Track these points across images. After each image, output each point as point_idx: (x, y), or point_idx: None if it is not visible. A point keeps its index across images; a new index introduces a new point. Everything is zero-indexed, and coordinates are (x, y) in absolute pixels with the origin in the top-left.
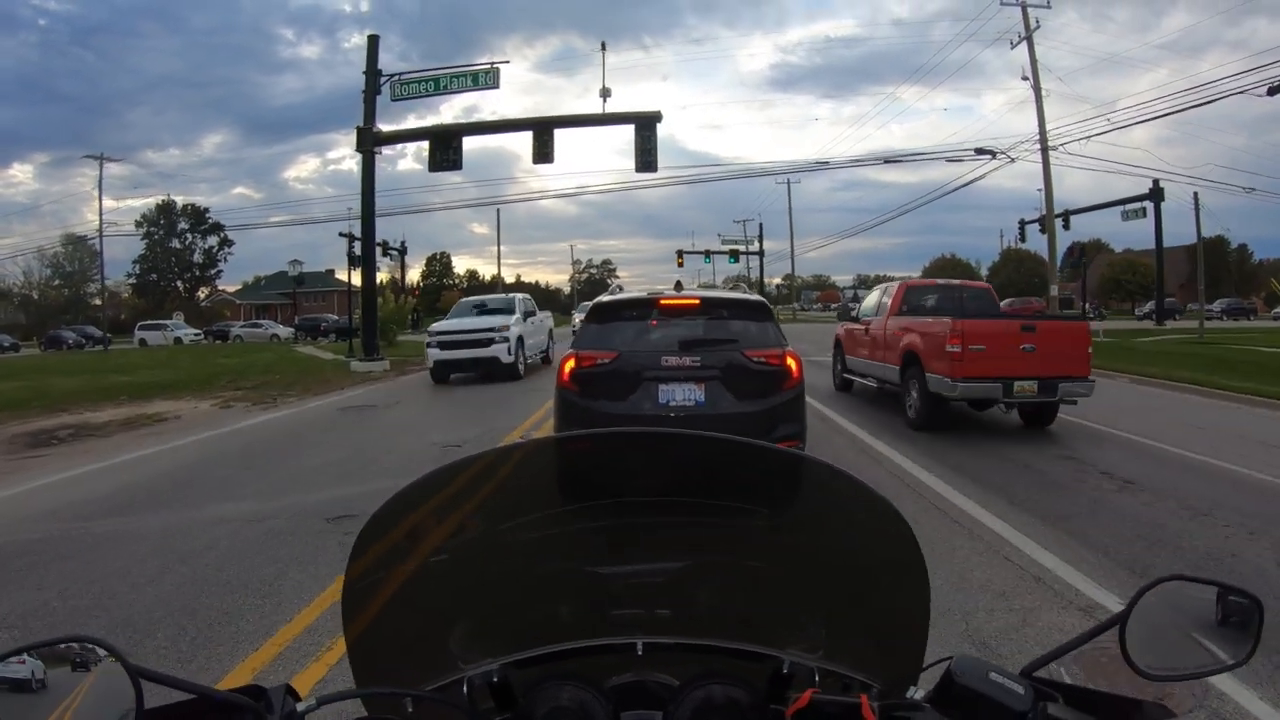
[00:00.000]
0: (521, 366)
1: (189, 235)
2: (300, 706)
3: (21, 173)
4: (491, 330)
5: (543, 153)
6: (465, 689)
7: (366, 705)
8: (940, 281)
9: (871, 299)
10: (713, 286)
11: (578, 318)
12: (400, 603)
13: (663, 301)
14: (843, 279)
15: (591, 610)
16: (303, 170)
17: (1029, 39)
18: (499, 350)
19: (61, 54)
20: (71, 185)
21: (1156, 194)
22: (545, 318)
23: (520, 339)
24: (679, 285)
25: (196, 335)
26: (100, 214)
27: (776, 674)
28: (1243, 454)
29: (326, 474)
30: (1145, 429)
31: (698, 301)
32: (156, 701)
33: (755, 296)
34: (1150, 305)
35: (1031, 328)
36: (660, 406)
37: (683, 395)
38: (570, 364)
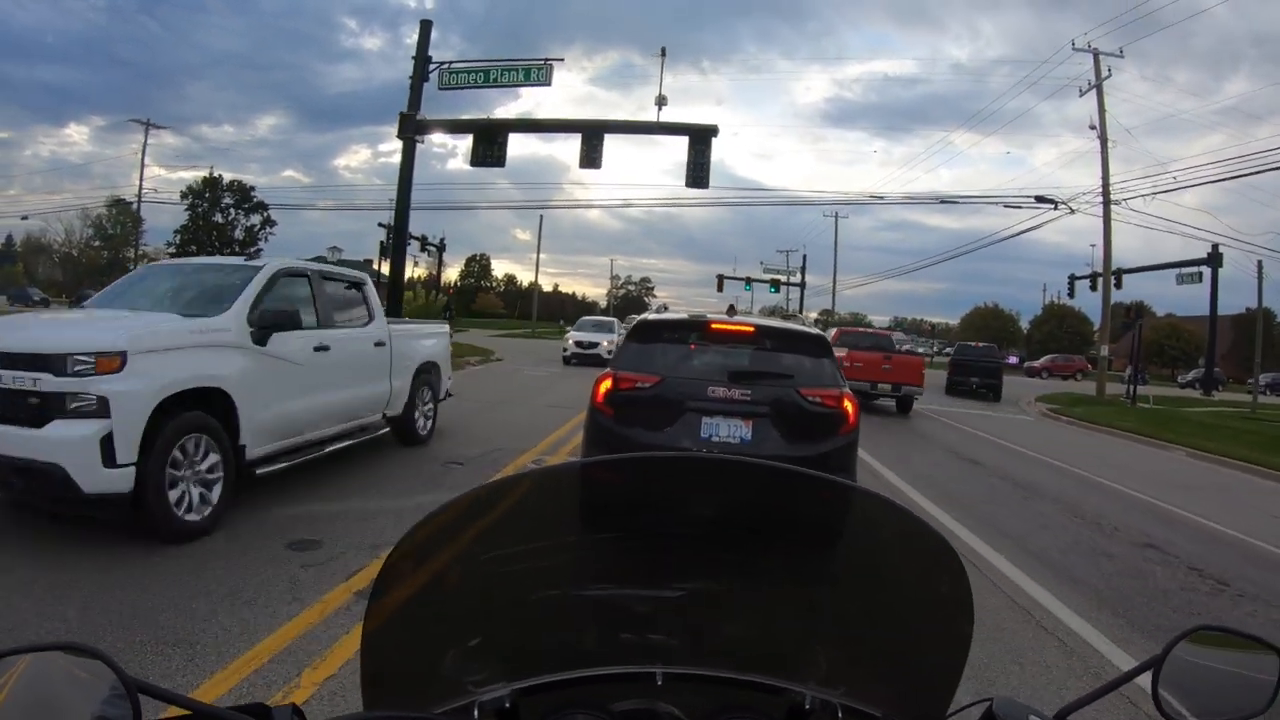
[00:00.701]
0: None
1: (232, 211)
2: None
3: (78, 134)
4: None
5: (590, 157)
6: (476, 713)
7: None
8: (859, 329)
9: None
10: (769, 314)
11: (571, 338)
12: (415, 625)
13: (714, 325)
14: (879, 319)
15: (609, 636)
16: (354, 160)
17: (1099, 87)
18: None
19: (127, 20)
20: (125, 150)
21: (1215, 259)
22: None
23: None
24: (732, 309)
25: None
26: (140, 179)
27: (796, 708)
28: None
29: (294, 484)
30: (1213, 513)
31: (752, 329)
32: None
33: (814, 330)
34: (1194, 373)
35: (889, 358)
36: (701, 441)
37: (727, 431)
38: (607, 384)
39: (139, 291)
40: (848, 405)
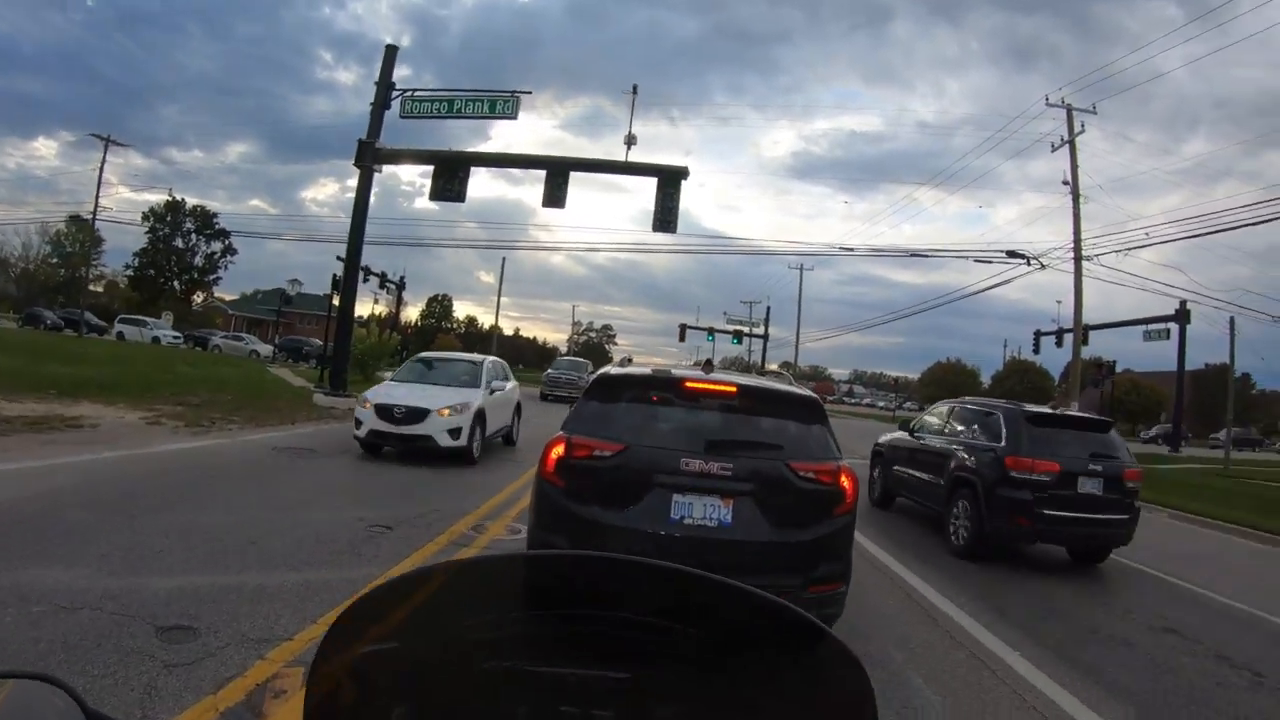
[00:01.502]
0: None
1: (193, 237)
2: None
3: (45, 148)
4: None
5: (554, 196)
6: None
7: None
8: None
9: None
10: (744, 370)
11: (548, 375)
12: (357, 692)
13: (689, 384)
14: (839, 372)
15: (547, 713)
16: (320, 193)
17: (1071, 142)
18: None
19: (104, 36)
20: (91, 166)
21: (1182, 315)
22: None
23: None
24: (709, 365)
25: (176, 338)
26: (97, 196)
27: None
28: None
29: (196, 546)
30: (1235, 591)
31: (734, 390)
32: None
33: (805, 391)
34: (1157, 428)
35: None
36: (671, 524)
37: (704, 512)
38: (559, 450)
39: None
40: (845, 481)
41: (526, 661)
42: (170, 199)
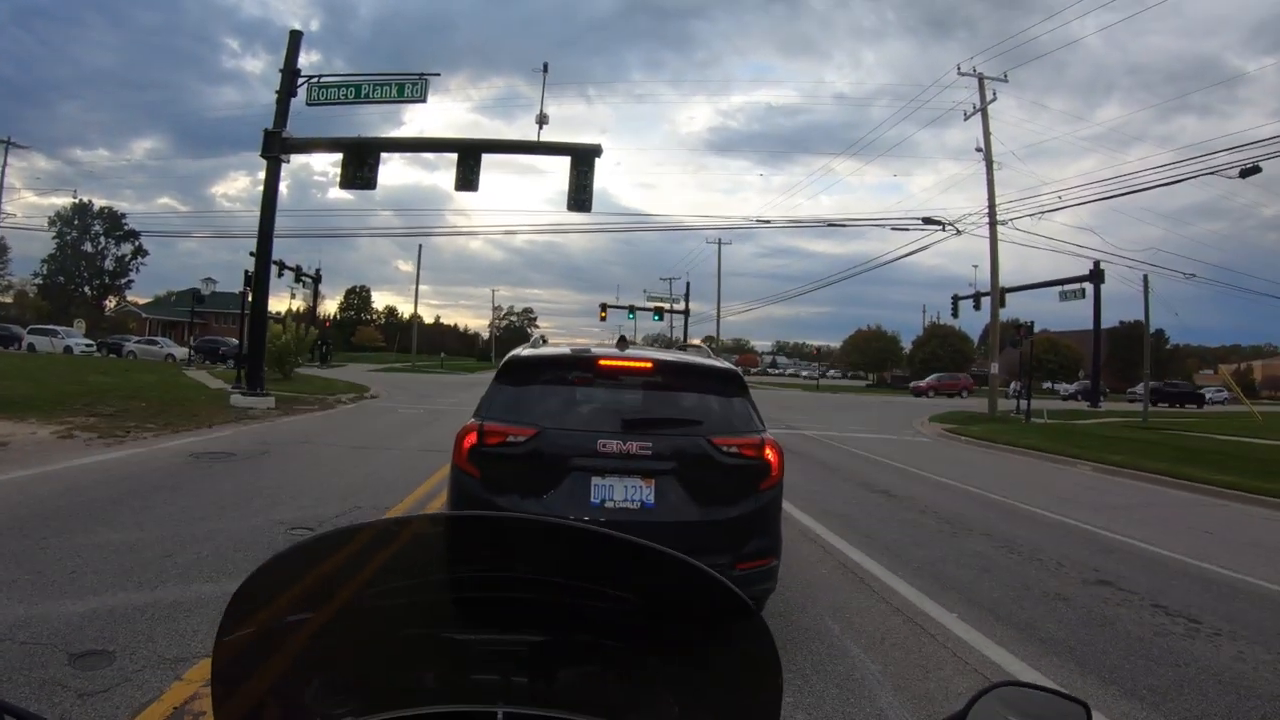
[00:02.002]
0: None
1: (102, 240)
2: None
3: None
4: None
5: (467, 179)
6: None
7: None
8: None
9: None
10: (666, 346)
11: None
12: (266, 661)
13: (602, 362)
14: (762, 344)
15: (458, 677)
16: (232, 187)
17: (984, 110)
18: None
19: None
20: None
21: (1097, 276)
22: None
23: None
24: (623, 341)
25: (89, 346)
26: None
27: None
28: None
29: (110, 564)
30: (1149, 535)
31: (650, 365)
32: None
33: (725, 364)
34: (1076, 385)
35: None
36: (592, 509)
37: (625, 494)
38: (471, 440)
39: None
40: (770, 454)
41: (441, 627)
42: (76, 201)
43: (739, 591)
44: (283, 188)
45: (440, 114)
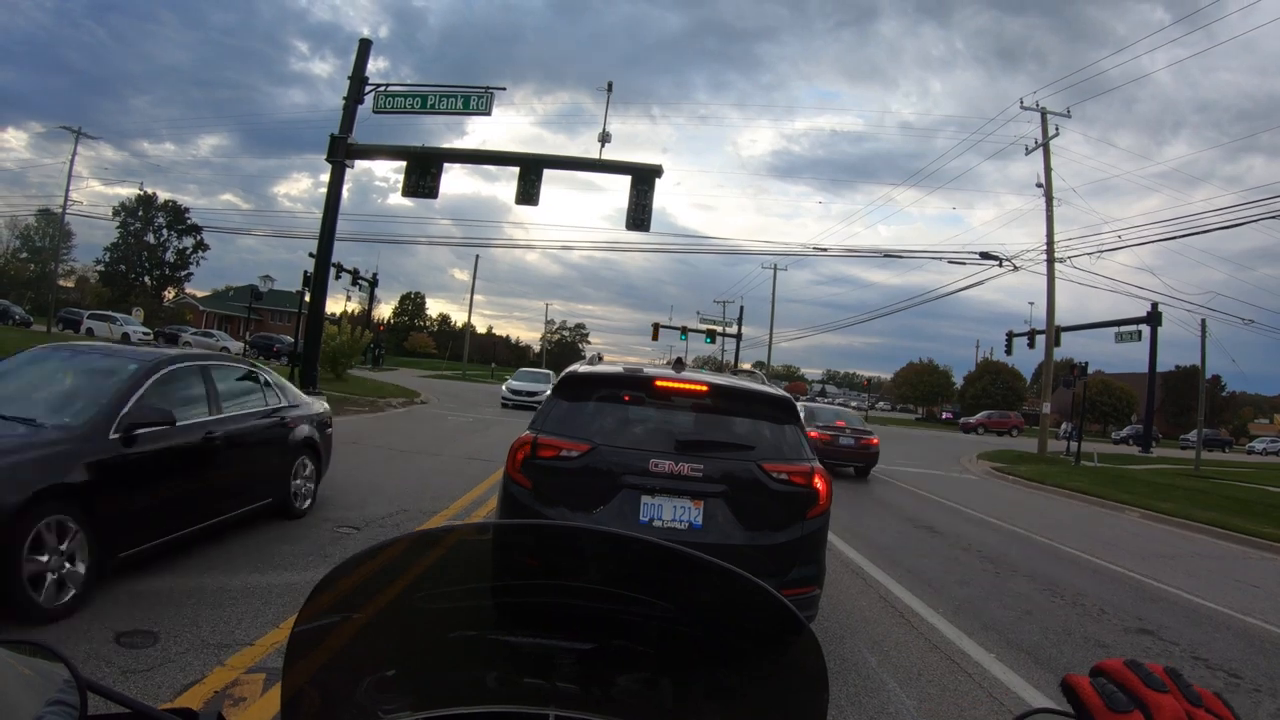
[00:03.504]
0: None
1: (165, 232)
2: None
3: (15, 139)
4: None
5: (527, 193)
6: None
7: None
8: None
9: None
10: (717, 369)
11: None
12: (336, 655)
13: (659, 383)
14: (812, 372)
15: (512, 678)
16: (294, 188)
17: (1045, 145)
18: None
19: (74, 24)
20: (61, 159)
21: (1155, 318)
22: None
23: None
24: (679, 363)
25: (146, 334)
26: (67, 190)
27: None
28: None
29: (159, 552)
30: (1195, 586)
31: (705, 388)
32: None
33: (778, 391)
34: (1128, 429)
35: None
36: (640, 527)
37: (674, 514)
38: (525, 451)
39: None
40: (819, 483)
41: (493, 631)
42: (141, 193)
43: (793, 607)
44: (345, 192)
45: (504, 125)
